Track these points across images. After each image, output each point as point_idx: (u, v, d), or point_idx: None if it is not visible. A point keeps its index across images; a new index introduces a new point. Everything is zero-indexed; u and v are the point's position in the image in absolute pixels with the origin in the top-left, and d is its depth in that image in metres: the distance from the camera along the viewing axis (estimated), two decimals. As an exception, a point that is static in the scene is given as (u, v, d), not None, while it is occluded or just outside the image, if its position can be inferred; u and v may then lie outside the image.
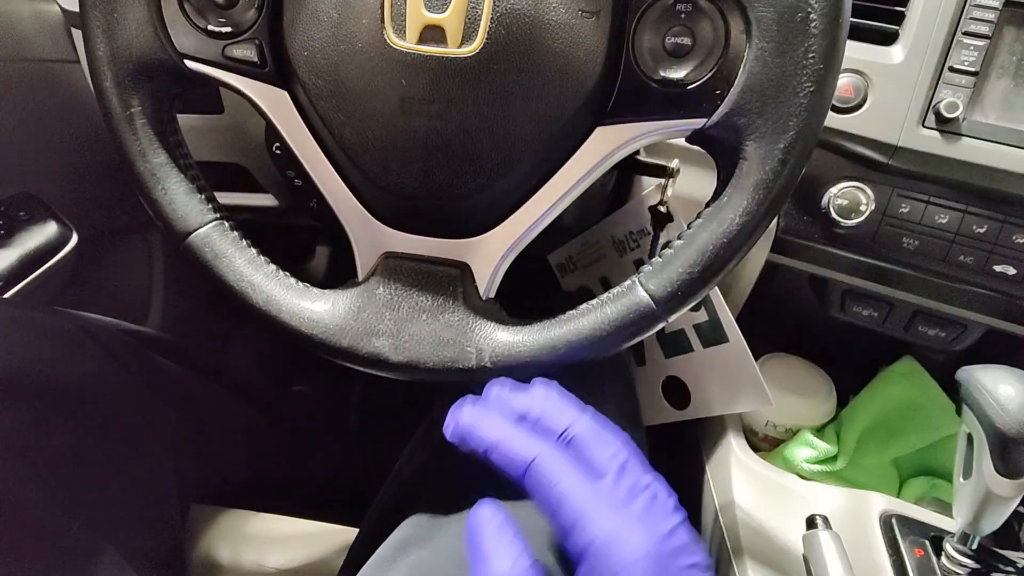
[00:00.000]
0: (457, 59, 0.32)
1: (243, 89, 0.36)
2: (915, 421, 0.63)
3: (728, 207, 0.32)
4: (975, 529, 0.46)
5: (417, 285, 0.37)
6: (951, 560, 0.48)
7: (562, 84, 0.32)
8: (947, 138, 0.47)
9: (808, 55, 0.30)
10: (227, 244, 0.37)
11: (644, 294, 0.34)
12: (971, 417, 0.43)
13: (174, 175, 0.37)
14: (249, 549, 0.49)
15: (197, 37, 0.35)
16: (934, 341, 0.60)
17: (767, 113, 0.31)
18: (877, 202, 0.51)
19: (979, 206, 0.49)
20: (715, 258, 0.33)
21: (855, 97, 0.49)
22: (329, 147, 0.36)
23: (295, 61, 0.34)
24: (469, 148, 0.33)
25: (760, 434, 0.67)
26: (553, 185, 0.35)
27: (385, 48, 0.32)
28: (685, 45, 0.32)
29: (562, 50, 0.32)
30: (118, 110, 0.36)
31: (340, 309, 0.37)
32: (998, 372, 0.43)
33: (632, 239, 0.59)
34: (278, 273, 0.38)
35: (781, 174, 0.31)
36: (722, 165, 0.33)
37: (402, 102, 0.33)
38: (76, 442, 0.42)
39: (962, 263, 0.51)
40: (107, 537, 0.41)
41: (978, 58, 0.46)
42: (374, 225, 0.37)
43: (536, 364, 0.35)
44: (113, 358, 0.47)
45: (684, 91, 0.32)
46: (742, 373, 0.55)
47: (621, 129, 0.34)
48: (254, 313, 0.37)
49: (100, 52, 0.35)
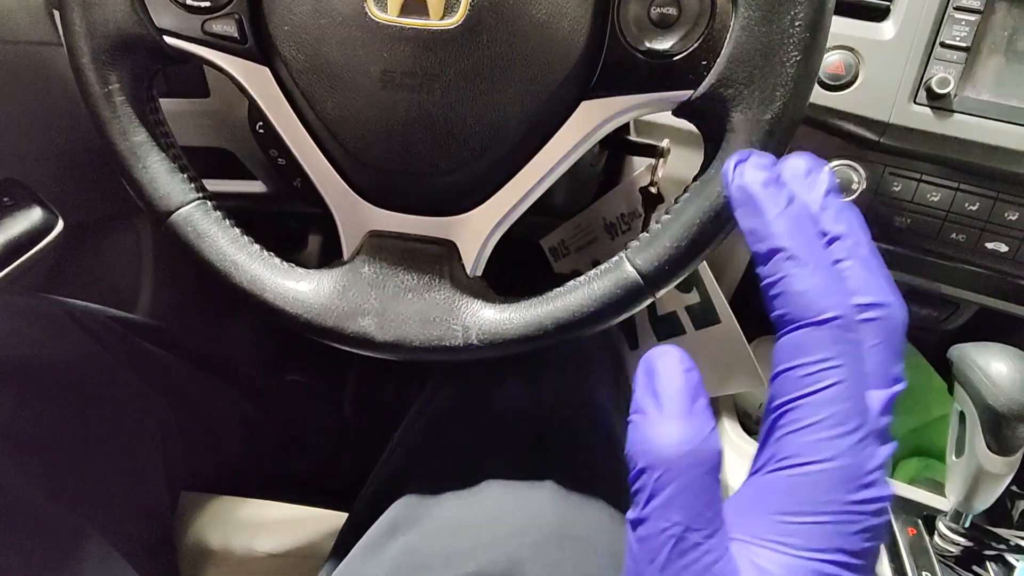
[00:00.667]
0: (439, 31, 0.31)
1: (223, 65, 0.36)
2: (907, 402, 0.63)
3: (715, 180, 0.32)
4: (968, 507, 0.46)
5: (402, 263, 0.36)
6: (944, 538, 0.48)
7: (546, 56, 0.32)
8: (939, 114, 0.47)
9: (795, 23, 0.29)
10: (210, 223, 0.37)
11: (632, 269, 0.33)
12: (963, 395, 0.43)
13: (155, 153, 0.36)
14: (239, 534, 0.49)
15: (176, 12, 0.35)
16: (926, 321, 0.60)
17: (754, 83, 0.30)
18: (869, 180, 0.51)
19: (971, 183, 0.49)
20: (702, 232, 0.32)
21: (846, 74, 0.48)
22: (311, 123, 0.36)
23: (275, 36, 0.34)
24: (452, 122, 0.33)
25: (754, 416, 0.67)
26: (539, 161, 0.35)
27: (366, 21, 0.32)
28: (671, 15, 0.32)
29: (546, 21, 0.31)
30: (96, 87, 0.35)
31: (325, 288, 0.36)
32: (990, 349, 0.43)
33: (624, 221, 0.58)
34: (262, 253, 0.38)
35: (768, 146, 0.31)
36: (709, 138, 0.33)
37: (383, 76, 0.32)
38: (61, 427, 0.41)
39: (954, 241, 0.51)
40: (93, 523, 0.40)
41: (969, 33, 0.45)
42: (358, 203, 0.37)
43: (524, 341, 0.35)
44: (99, 344, 0.47)
45: (670, 62, 0.32)
46: (734, 354, 0.55)
47: (607, 102, 0.33)
48: (238, 293, 0.37)
49: (77, 28, 0.35)
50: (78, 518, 0.40)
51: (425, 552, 0.38)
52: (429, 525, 0.39)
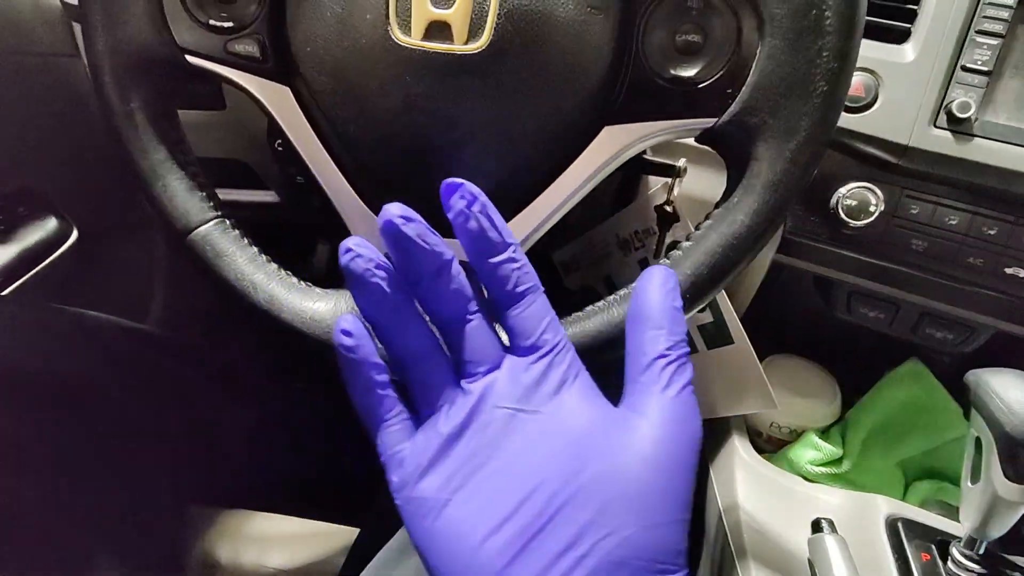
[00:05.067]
0: (463, 56, 0.31)
1: (245, 85, 0.36)
2: (921, 423, 0.62)
3: (738, 208, 0.32)
4: (983, 534, 0.45)
5: None
6: (958, 565, 0.47)
7: (570, 82, 0.32)
8: (959, 138, 0.46)
9: (822, 53, 0.29)
10: (228, 242, 0.37)
11: (651, 296, 0.33)
12: (980, 421, 0.43)
13: (175, 172, 0.36)
14: (249, 549, 0.49)
15: (198, 32, 0.35)
16: (941, 343, 0.60)
17: (779, 113, 0.30)
18: (886, 203, 0.51)
19: (990, 208, 0.49)
20: (724, 260, 0.32)
21: (865, 96, 0.48)
22: (331, 144, 0.36)
23: (297, 57, 0.34)
24: (474, 147, 0.33)
25: (764, 435, 0.66)
26: (560, 185, 0.35)
27: (389, 44, 0.32)
28: (696, 43, 0.31)
29: (570, 47, 0.31)
30: (118, 106, 0.35)
31: (343, 309, 0.36)
32: (1008, 376, 0.42)
33: (637, 238, 0.58)
34: (280, 272, 0.37)
35: (793, 175, 0.31)
36: (732, 165, 0.33)
37: (406, 99, 0.32)
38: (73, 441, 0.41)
39: (972, 265, 0.50)
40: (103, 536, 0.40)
41: (991, 57, 0.45)
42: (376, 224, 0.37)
43: None
44: (111, 356, 0.47)
45: (694, 90, 0.32)
46: (747, 375, 0.55)
47: (630, 128, 0.33)
48: (256, 312, 0.37)
49: (99, 47, 0.35)
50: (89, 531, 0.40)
51: None
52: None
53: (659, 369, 0.27)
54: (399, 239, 0.27)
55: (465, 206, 0.27)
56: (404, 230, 0.27)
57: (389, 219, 0.27)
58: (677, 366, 0.27)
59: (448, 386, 0.28)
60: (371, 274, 0.27)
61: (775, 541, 0.54)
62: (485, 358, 0.28)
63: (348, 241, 0.28)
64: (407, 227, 0.27)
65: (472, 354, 0.28)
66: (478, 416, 0.28)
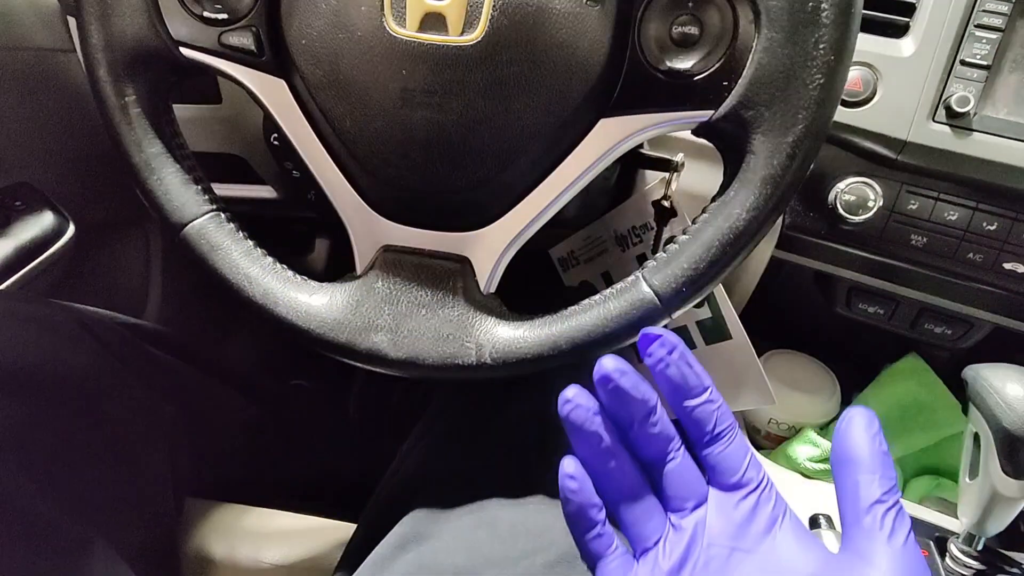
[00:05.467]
0: (458, 48, 0.31)
1: (240, 78, 0.36)
2: (919, 419, 0.62)
3: (734, 202, 0.32)
4: (981, 530, 0.45)
5: (416, 279, 0.36)
6: (956, 561, 0.47)
7: (566, 74, 0.32)
8: (958, 133, 0.46)
9: (818, 46, 0.29)
10: (223, 236, 0.37)
11: (648, 289, 0.33)
12: (978, 417, 0.43)
13: (170, 165, 0.36)
14: (245, 544, 0.49)
15: (193, 24, 0.34)
16: (940, 339, 0.60)
17: (775, 106, 0.30)
18: (885, 198, 0.51)
19: (989, 203, 0.49)
20: (721, 254, 0.32)
21: (864, 91, 0.48)
22: (328, 138, 0.35)
23: (293, 49, 0.34)
24: (470, 140, 0.32)
25: (763, 432, 0.66)
26: (556, 178, 0.34)
27: (385, 36, 0.32)
28: (692, 35, 0.31)
29: (566, 39, 0.31)
30: (113, 99, 0.35)
31: (338, 303, 0.36)
32: (1006, 371, 0.42)
33: (635, 234, 0.58)
34: (275, 266, 0.37)
35: (789, 169, 0.31)
36: (729, 159, 0.33)
37: (402, 92, 0.32)
38: (69, 435, 0.41)
39: (971, 261, 0.50)
40: (100, 531, 0.40)
41: (990, 51, 0.45)
42: (373, 218, 0.37)
43: (537, 360, 0.34)
44: (108, 351, 0.47)
45: (691, 82, 0.32)
46: (745, 371, 0.55)
47: (626, 121, 0.33)
48: (251, 306, 0.36)
49: (94, 40, 0.34)
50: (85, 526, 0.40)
51: (435, 568, 0.38)
52: (439, 542, 0.39)
53: (879, 516, 0.27)
54: (616, 392, 0.29)
55: (666, 354, 0.29)
56: (621, 383, 0.29)
57: (607, 373, 0.29)
58: (896, 512, 0.27)
59: (660, 522, 0.31)
60: (590, 423, 0.30)
61: (773, 537, 0.54)
62: (692, 494, 0.30)
63: (567, 392, 0.30)
64: (623, 380, 0.29)
65: (680, 490, 0.30)
66: (694, 551, 0.29)
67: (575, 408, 0.30)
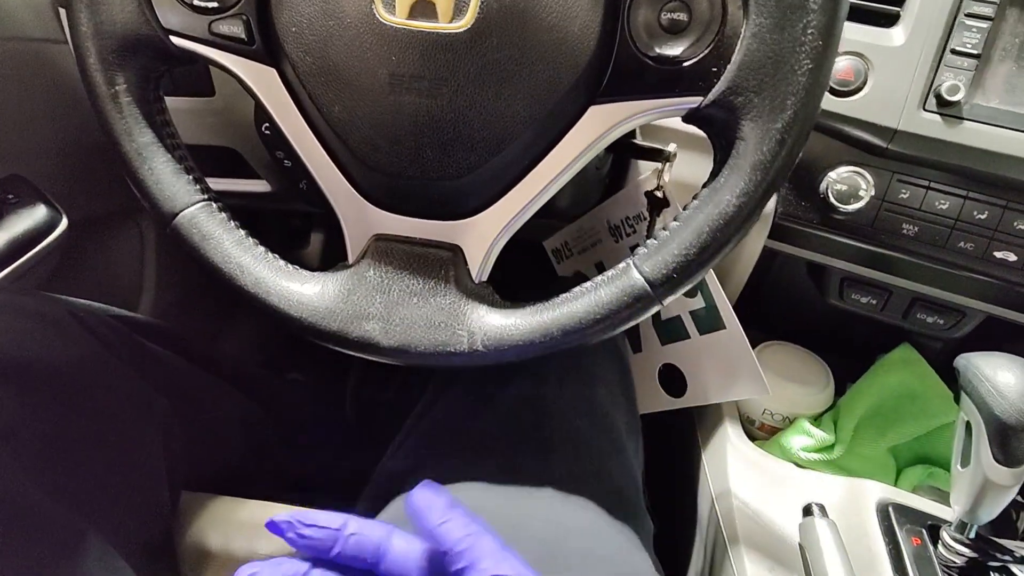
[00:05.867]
0: (447, 34, 0.31)
1: (230, 67, 0.36)
2: (912, 409, 0.62)
3: (724, 188, 0.32)
4: (973, 518, 0.45)
5: (408, 268, 0.36)
6: (948, 549, 0.47)
7: (555, 61, 0.32)
8: (948, 122, 0.46)
9: (807, 31, 0.29)
10: (215, 225, 0.37)
11: (639, 276, 0.33)
12: (970, 405, 0.43)
13: (161, 154, 0.36)
14: (240, 535, 0.48)
15: (183, 12, 0.34)
16: (932, 328, 0.60)
17: (764, 92, 0.30)
18: (876, 187, 0.51)
19: (980, 192, 0.49)
20: (711, 240, 0.32)
21: (855, 80, 0.48)
22: (318, 126, 0.35)
23: (283, 37, 0.34)
24: (460, 126, 0.33)
25: (757, 423, 0.66)
26: (546, 165, 0.34)
27: (374, 23, 0.32)
28: (681, 21, 0.31)
29: (555, 25, 0.31)
30: (103, 88, 0.35)
31: (330, 292, 0.36)
32: (997, 359, 0.42)
33: (628, 224, 0.58)
34: (267, 255, 0.37)
35: (779, 155, 0.31)
36: (718, 145, 0.33)
37: (392, 79, 0.32)
38: (63, 427, 0.41)
39: (962, 249, 0.50)
40: (94, 521, 0.40)
41: (980, 40, 0.45)
42: (364, 207, 0.37)
43: (529, 347, 0.35)
44: (101, 343, 0.47)
45: (680, 69, 0.32)
46: (739, 360, 0.55)
47: (616, 108, 0.33)
48: (242, 295, 0.36)
49: (83, 28, 0.34)
50: (79, 517, 0.40)
51: None
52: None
53: None
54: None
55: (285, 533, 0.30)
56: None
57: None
58: None
59: None
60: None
61: (767, 527, 0.54)
62: None
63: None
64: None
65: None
66: None
67: None
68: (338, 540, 0.30)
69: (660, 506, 0.56)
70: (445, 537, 0.29)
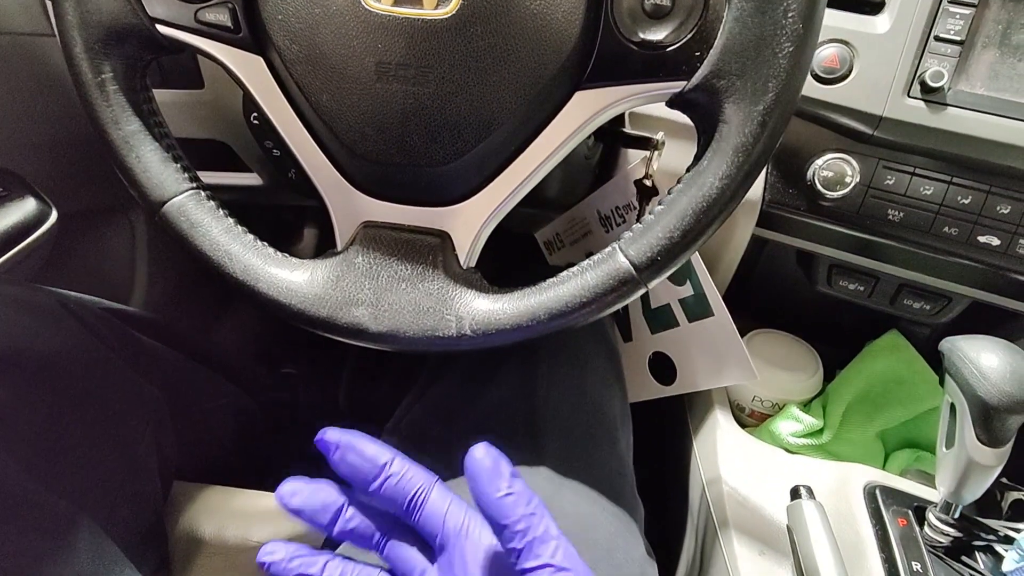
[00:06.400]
0: (433, 21, 0.31)
1: (217, 55, 0.36)
2: (900, 394, 0.63)
3: (708, 171, 0.32)
4: (957, 498, 0.46)
5: (396, 254, 0.37)
6: (934, 529, 0.48)
7: (540, 47, 0.32)
8: (932, 108, 0.47)
9: (788, 14, 0.29)
10: (203, 213, 0.37)
11: (624, 260, 0.34)
12: (954, 387, 0.43)
13: (148, 143, 0.36)
14: (233, 524, 0.49)
15: (169, 1, 0.34)
16: (919, 314, 0.60)
17: (746, 75, 0.30)
18: (862, 174, 0.51)
19: (964, 177, 0.49)
20: (695, 223, 0.32)
21: (840, 67, 0.49)
22: (306, 114, 0.36)
23: (269, 25, 0.34)
24: (446, 113, 0.33)
25: (747, 409, 0.67)
26: (533, 151, 0.35)
27: (360, 11, 0.32)
28: (664, 6, 0.32)
29: (540, 11, 0.31)
30: (89, 76, 0.35)
31: (319, 279, 0.37)
32: (981, 342, 0.43)
33: (618, 214, 0.59)
34: (256, 243, 0.37)
35: (761, 137, 0.31)
36: (702, 129, 0.33)
37: (378, 66, 0.32)
38: (54, 416, 0.41)
39: (947, 235, 0.51)
40: (85, 510, 0.40)
41: (964, 27, 0.46)
42: (352, 194, 0.37)
43: (517, 331, 0.35)
44: (93, 334, 0.47)
45: (664, 53, 0.32)
46: (727, 347, 0.55)
47: (601, 93, 0.33)
48: (231, 283, 0.37)
49: (69, 18, 0.34)
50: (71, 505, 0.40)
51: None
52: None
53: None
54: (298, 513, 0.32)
55: (333, 452, 0.31)
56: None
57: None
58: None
59: None
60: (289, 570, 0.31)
61: (757, 512, 0.55)
62: (415, 567, 0.32)
63: (264, 551, 0.32)
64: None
65: (402, 567, 0.32)
66: None
67: (275, 566, 0.31)
68: (379, 476, 0.31)
69: (651, 492, 0.56)
70: (506, 511, 0.27)
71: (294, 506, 0.32)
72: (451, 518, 0.31)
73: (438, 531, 0.31)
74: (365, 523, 0.32)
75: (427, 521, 0.31)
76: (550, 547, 0.27)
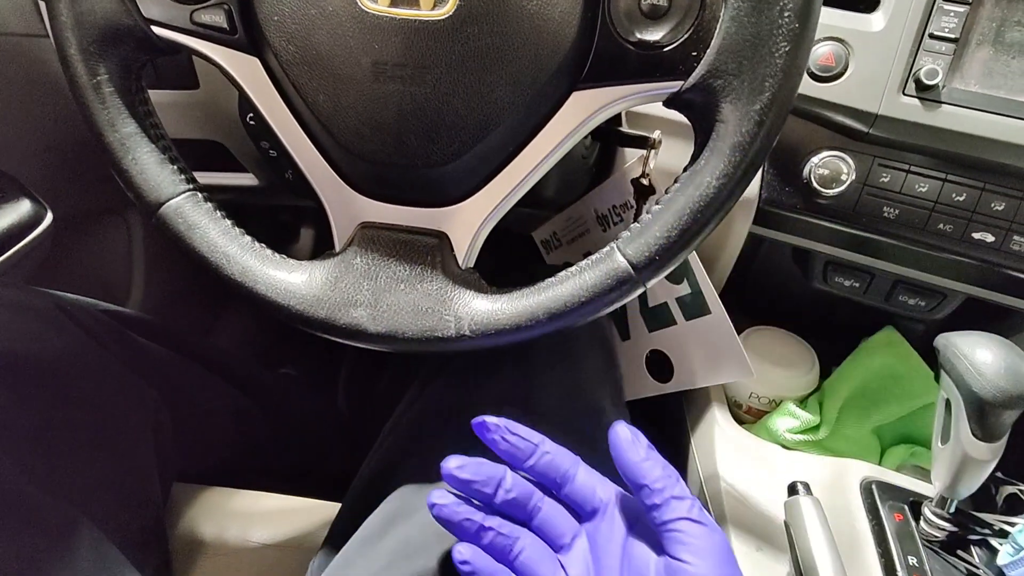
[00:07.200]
0: (430, 22, 0.31)
1: (213, 56, 0.36)
2: (896, 390, 0.63)
3: (705, 170, 0.32)
4: (953, 493, 0.46)
5: (394, 255, 0.37)
6: (929, 524, 0.48)
7: (537, 47, 0.32)
8: (927, 106, 0.47)
9: (784, 14, 0.30)
10: (200, 215, 0.37)
11: (622, 259, 0.34)
12: (949, 382, 0.44)
13: (144, 145, 0.36)
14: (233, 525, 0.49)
15: (164, 2, 0.34)
16: (914, 310, 0.61)
17: (743, 74, 0.30)
18: (858, 171, 0.52)
19: (958, 174, 0.50)
20: (692, 222, 0.32)
21: (836, 65, 0.49)
22: (302, 115, 0.36)
23: (265, 26, 0.34)
24: (444, 113, 0.33)
25: (744, 406, 0.67)
26: (530, 151, 0.35)
27: (356, 11, 0.32)
28: (661, 6, 0.32)
29: (537, 11, 0.31)
30: (84, 78, 0.35)
31: (317, 280, 0.37)
32: (976, 338, 0.43)
33: (615, 213, 0.59)
34: (253, 244, 0.37)
35: (758, 136, 0.31)
36: (699, 129, 0.33)
37: (375, 67, 0.32)
38: (53, 419, 0.41)
39: (941, 231, 0.51)
40: (86, 513, 0.40)
41: (958, 25, 0.46)
42: (350, 195, 0.37)
43: (515, 331, 0.35)
44: (90, 336, 0.47)
45: (661, 53, 0.32)
46: (724, 344, 0.56)
47: (598, 93, 0.33)
48: (229, 285, 0.37)
49: (63, 19, 0.34)
50: (71, 508, 0.40)
51: (423, 544, 0.38)
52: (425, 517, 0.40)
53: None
54: (463, 483, 0.34)
55: (492, 433, 0.35)
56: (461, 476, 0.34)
57: (448, 472, 0.34)
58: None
59: (552, 563, 0.35)
60: (457, 514, 0.34)
61: (754, 508, 0.55)
62: (566, 531, 0.35)
63: (432, 496, 0.35)
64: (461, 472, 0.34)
65: (554, 531, 0.35)
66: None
67: (443, 507, 0.34)
68: (534, 453, 0.35)
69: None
70: (646, 472, 0.32)
71: (464, 477, 0.34)
72: (602, 489, 0.35)
73: (590, 499, 0.35)
74: (524, 492, 0.35)
75: (579, 491, 0.35)
76: (686, 504, 0.31)
